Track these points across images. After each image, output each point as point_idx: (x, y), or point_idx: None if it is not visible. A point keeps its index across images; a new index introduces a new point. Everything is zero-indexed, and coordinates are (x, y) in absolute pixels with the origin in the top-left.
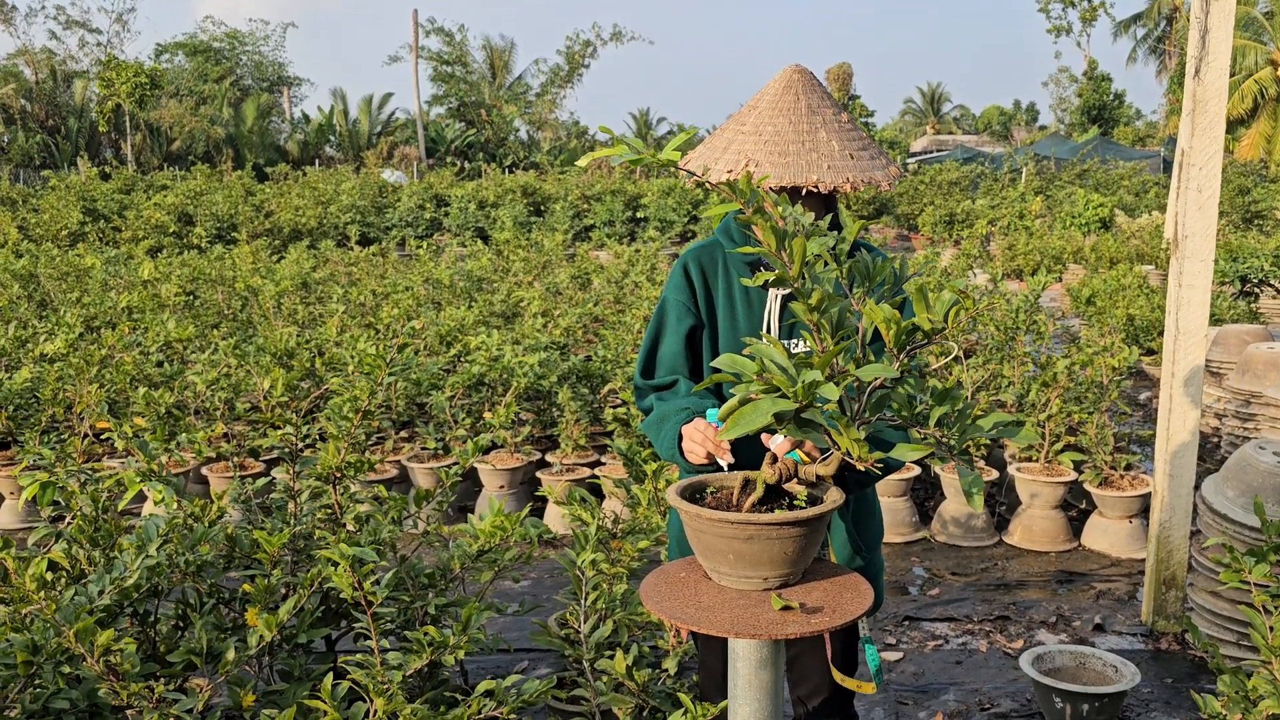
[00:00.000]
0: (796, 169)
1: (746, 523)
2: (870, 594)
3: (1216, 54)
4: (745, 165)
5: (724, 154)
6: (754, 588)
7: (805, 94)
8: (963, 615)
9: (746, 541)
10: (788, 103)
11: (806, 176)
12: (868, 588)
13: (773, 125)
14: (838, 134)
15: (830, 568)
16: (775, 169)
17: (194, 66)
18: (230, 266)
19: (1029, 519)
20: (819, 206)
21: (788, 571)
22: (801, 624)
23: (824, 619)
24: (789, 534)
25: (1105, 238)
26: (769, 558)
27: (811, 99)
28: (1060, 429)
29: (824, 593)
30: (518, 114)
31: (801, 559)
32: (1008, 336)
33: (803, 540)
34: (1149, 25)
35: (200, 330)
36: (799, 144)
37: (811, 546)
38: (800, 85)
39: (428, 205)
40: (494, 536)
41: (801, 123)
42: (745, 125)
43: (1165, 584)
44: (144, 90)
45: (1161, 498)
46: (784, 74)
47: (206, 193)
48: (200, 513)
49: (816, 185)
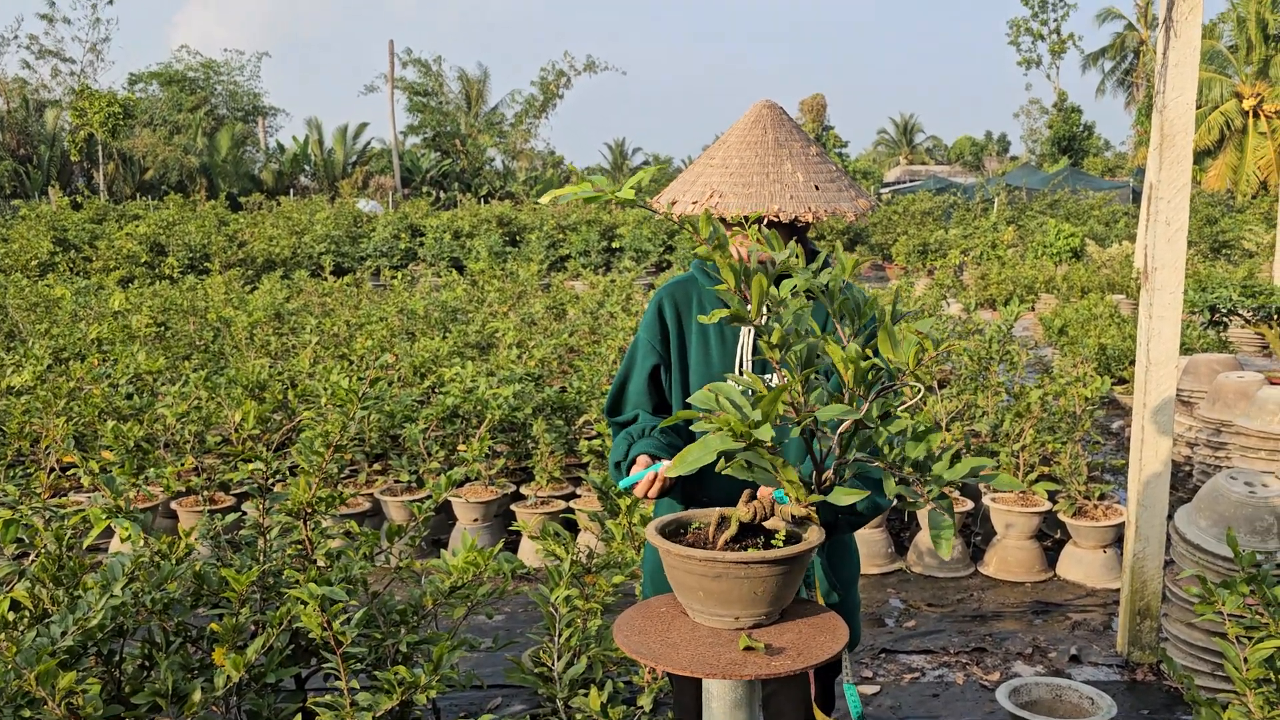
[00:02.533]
0: (759, 199)
1: (712, 560)
2: (844, 637)
3: (1182, 89)
4: (711, 197)
5: (692, 186)
6: (725, 625)
7: (773, 128)
8: (939, 647)
9: (714, 579)
10: (755, 136)
11: (768, 206)
12: (843, 630)
13: (739, 158)
14: (804, 166)
15: (810, 608)
16: (739, 199)
17: (168, 96)
18: (203, 297)
19: (1004, 549)
20: (785, 234)
21: (760, 611)
22: (760, 665)
23: (785, 661)
24: (757, 573)
25: (1076, 267)
26: (738, 596)
27: (779, 133)
28: (1034, 459)
29: (796, 634)
30: (492, 144)
31: (776, 598)
32: (981, 366)
33: (775, 580)
34: (1116, 59)
35: (171, 362)
36: (763, 175)
37: (786, 586)
38: (769, 120)
39: (403, 235)
40: (466, 572)
41: (768, 155)
42: (714, 159)
43: (1140, 615)
44: (117, 119)
45: (1135, 528)
46: (754, 109)
47: (179, 222)
48: (167, 549)
49: (778, 215)
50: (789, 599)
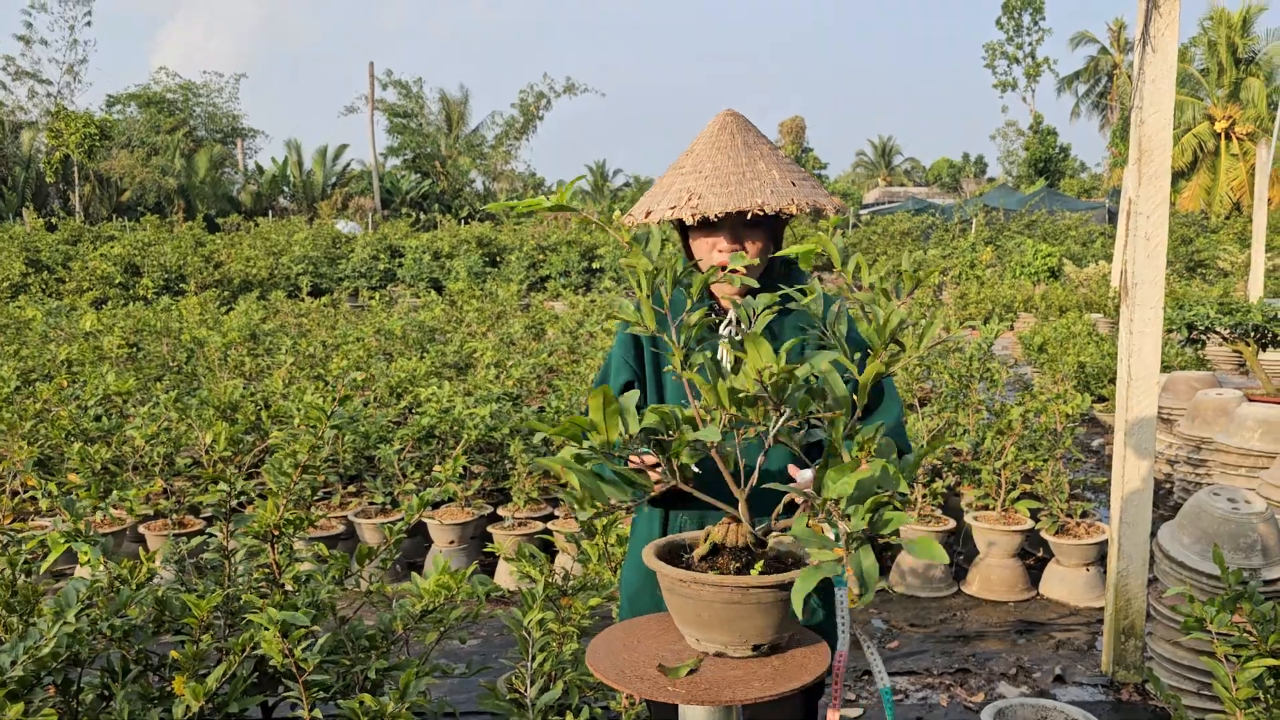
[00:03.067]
0: (740, 195)
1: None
2: (827, 658)
3: (1159, 104)
4: (689, 200)
5: (666, 194)
6: (712, 650)
7: (740, 133)
8: (922, 668)
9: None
10: (724, 141)
11: (750, 200)
12: (826, 651)
13: (711, 162)
14: (776, 165)
15: (800, 633)
16: (718, 198)
17: (146, 117)
18: (177, 318)
19: (987, 568)
20: (764, 237)
21: (744, 638)
22: (741, 689)
23: (766, 684)
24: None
25: (1054, 286)
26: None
27: (747, 137)
28: (1016, 477)
29: (779, 654)
30: (472, 165)
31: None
32: (962, 384)
33: (747, 609)
34: (1090, 82)
35: (142, 383)
36: (739, 174)
37: (763, 616)
38: (734, 126)
39: (382, 256)
40: (438, 596)
41: (739, 156)
42: (685, 167)
43: (1124, 633)
44: (93, 141)
45: (1118, 546)
46: (717, 118)
47: (155, 244)
48: (129, 574)
49: (762, 208)
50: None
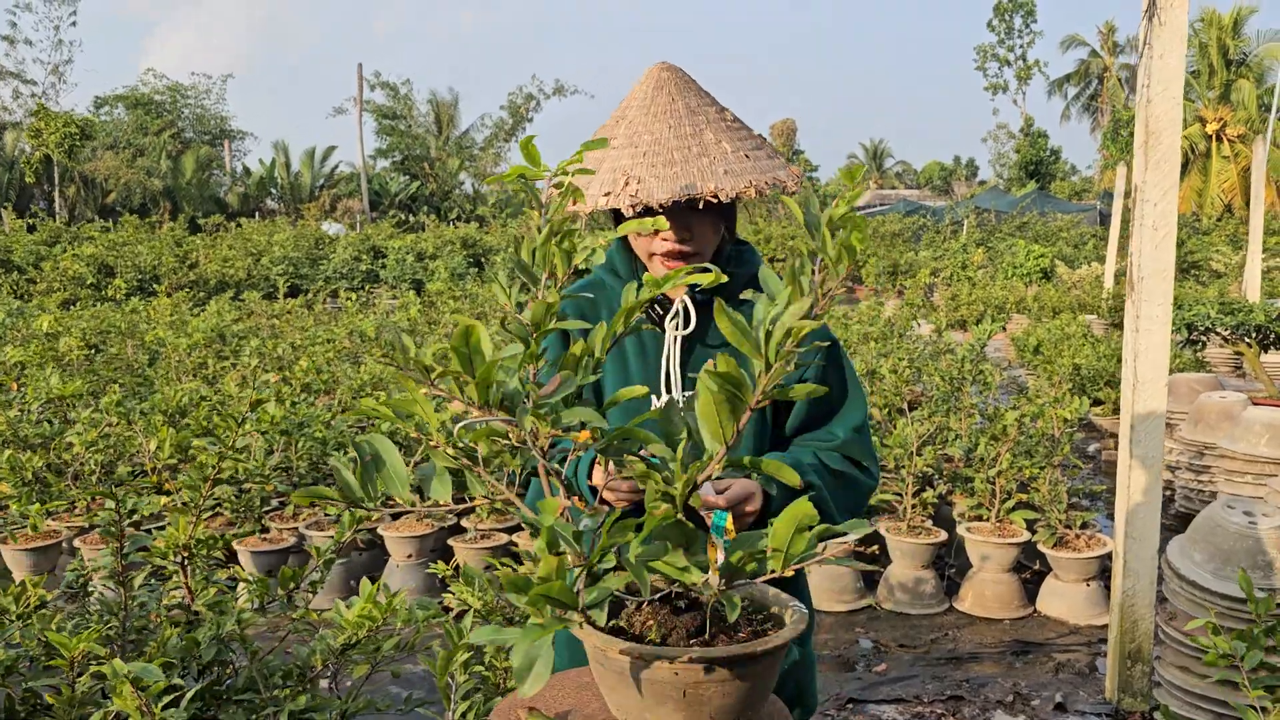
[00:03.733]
0: (687, 176)
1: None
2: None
3: (1168, 82)
4: (625, 185)
5: (596, 177)
6: None
7: (680, 94)
8: (912, 695)
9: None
10: (662, 105)
11: (702, 186)
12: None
13: (649, 133)
14: (726, 134)
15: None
16: (661, 182)
17: (133, 119)
18: (145, 319)
19: (980, 583)
20: (715, 220)
21: None
22: None
23: None
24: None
25: (1047, 288)
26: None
27: (689, 99)
28: (1011, 485)
29: None
30: (461, 167)
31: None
32: (953, 387)
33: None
34: (1080, 84)
35: (94, 386)
36: (684, 151)
37: (729, 697)
38: (673, 84)
39: (364, 257)
40: (361, 627)
41: (683, 125)
42: (617, 139)
43: (1130, 657)
44: (73, 140)
45: (1124, 562)
46: (650, 74)
47: (130, 244)
48: (14, 602)
49: (715, 195)
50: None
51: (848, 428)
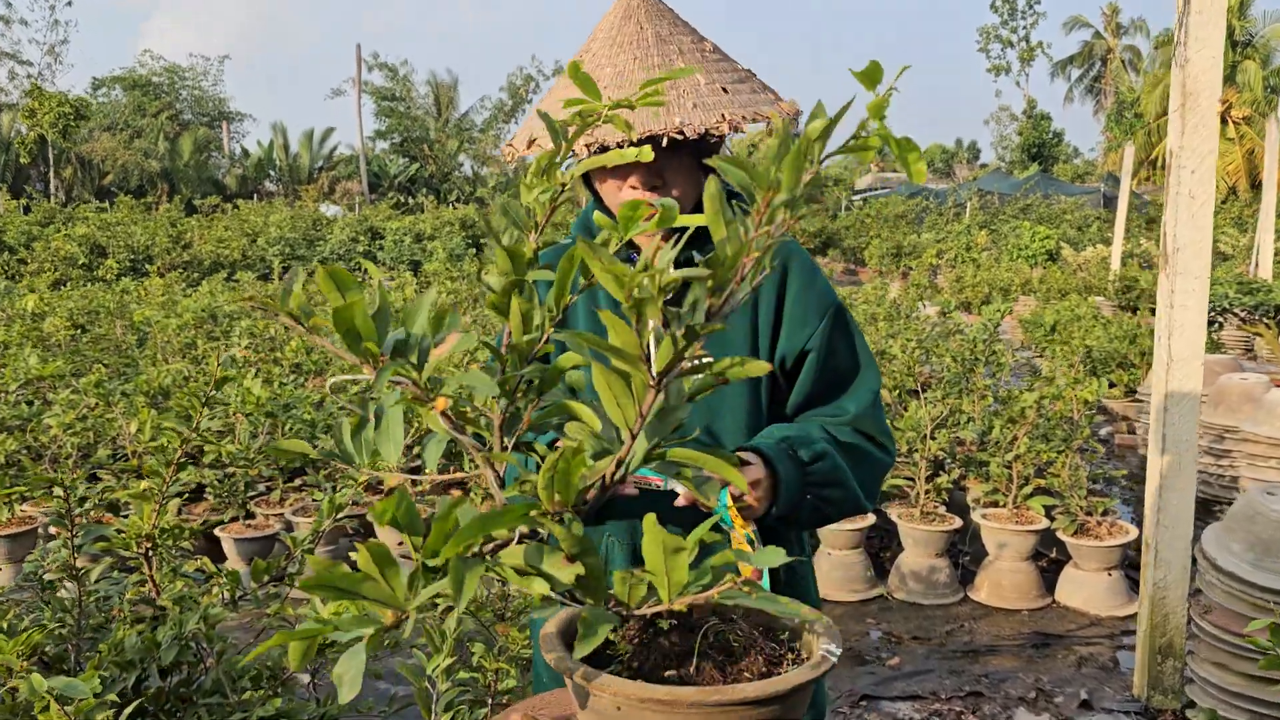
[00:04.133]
0: (649, 112)
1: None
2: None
3: (1206, 40)
4: None
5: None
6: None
7: (651, 21)
8: (929, 691)
9: None
10: (629, 34)
11: (665, 121)
12: None
13: (612, 65)
14: (702, 62)
15: None
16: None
17: (131, 101)
18: (136, 299)
19: (997, 572)
20: (692, 168)
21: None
22: None
23: None
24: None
25: (1053, 270)
26: None
27: (660, 26)
28: (1029, 470)
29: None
30: (460, 149)
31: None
32: (965, 369)
33: None
34: (1084, 66)
35: (78, 367)
36: None
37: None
38: (643, 12)
39: (361, 238)
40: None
41: (650, 56)
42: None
43: (1161, 653)
44: (68, 121)
45: (1154, 553)
46: (619, 1)
47: (122, 224)
48: None
49: (681, 130)
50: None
51: (860, 402)
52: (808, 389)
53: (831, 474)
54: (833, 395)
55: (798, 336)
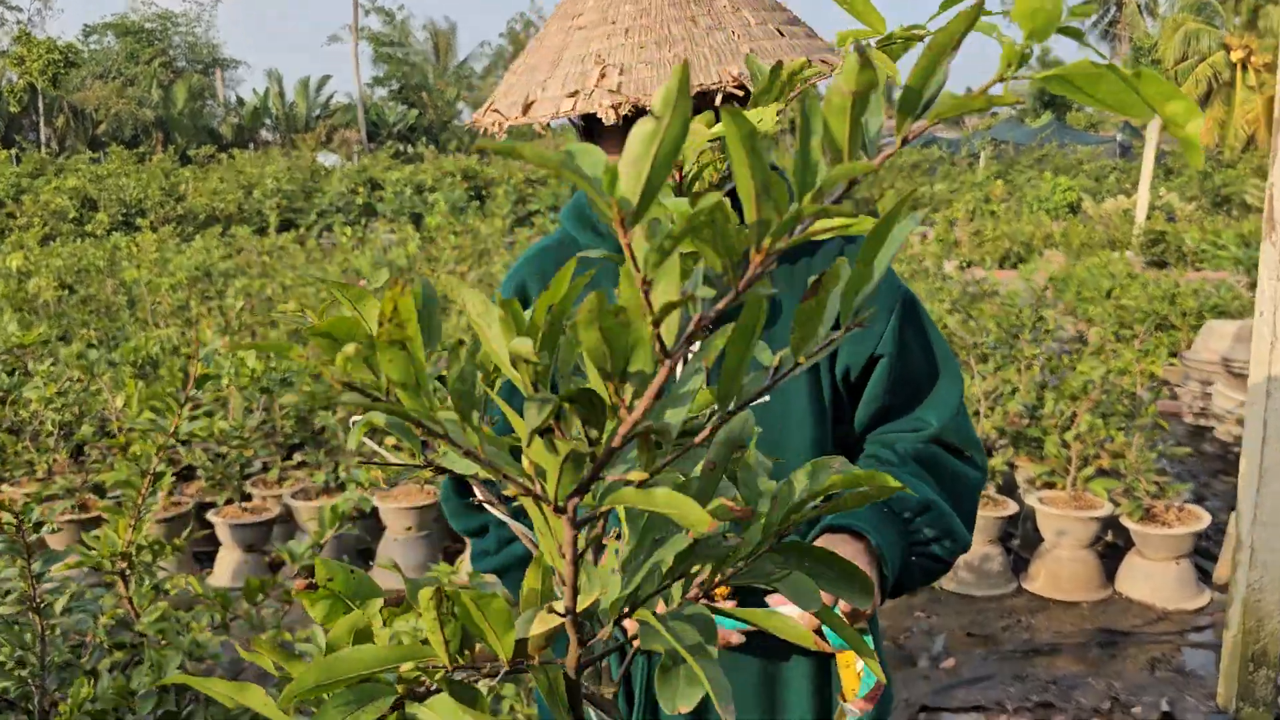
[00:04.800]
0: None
1: None
2: None
3: None
4: (601, 77)
5: (556, 70)
6: None
7: None
8: (994, 702)
9: None
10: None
11: (719, 70)
12: None
13: (633, 5)
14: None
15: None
16: (656, 69)
17: (123, 47)
18: (127, 256)
19: (1055, 562)
20: None
21: None
22: None
23: None
24: None
25: (1074, 223)
26: None
27: None
28: (1090, 450)
29: None
30: (459, 96)
31: None
32: (1010, 335)
33: None
34: (1099, 11)
35: (64, 332)
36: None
37: None
38: None
39: (360, 189)
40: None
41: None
42: (580, 17)
43: (1254, 661)
44: (58, 68)
45: (1249, 551)
46: None
47: (114, 176)
48: None
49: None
50: None
51: (944, 411)
52: (880, 401)
53: (936, 522)
54: (910, 406)
55: (864, 342)
